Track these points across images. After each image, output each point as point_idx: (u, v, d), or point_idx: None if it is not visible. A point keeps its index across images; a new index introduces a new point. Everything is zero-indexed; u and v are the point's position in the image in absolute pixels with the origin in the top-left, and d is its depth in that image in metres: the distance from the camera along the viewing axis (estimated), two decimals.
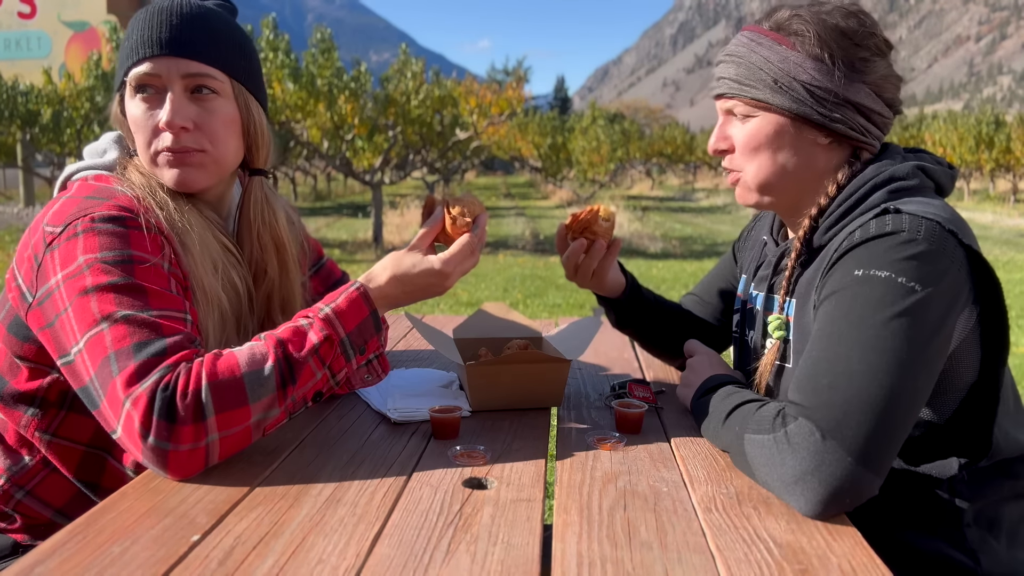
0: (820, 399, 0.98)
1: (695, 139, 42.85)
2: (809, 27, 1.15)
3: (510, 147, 27.63)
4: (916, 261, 1.02)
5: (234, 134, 1.27)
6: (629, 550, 0.86)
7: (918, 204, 1.09)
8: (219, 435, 1.02)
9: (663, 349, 1.64)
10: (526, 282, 8.75)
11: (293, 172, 28.97)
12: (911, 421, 1.01)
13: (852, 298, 1.04)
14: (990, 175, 27.50)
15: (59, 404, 1.23)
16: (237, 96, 1.27)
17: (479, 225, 1.24)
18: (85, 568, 0.80)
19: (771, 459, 0.99)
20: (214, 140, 1.23)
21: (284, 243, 1.39)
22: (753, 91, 1.17)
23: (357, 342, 1.15)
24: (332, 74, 11.78)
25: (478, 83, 13.92)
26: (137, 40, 1.21)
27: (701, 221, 18.79)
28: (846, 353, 1.00)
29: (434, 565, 0.82)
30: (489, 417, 1.32)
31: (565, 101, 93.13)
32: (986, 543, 1.13)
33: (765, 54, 1.17)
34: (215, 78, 1.22)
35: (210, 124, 1.23)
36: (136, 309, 1.07)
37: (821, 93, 1.14)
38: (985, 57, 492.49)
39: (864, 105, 1.16)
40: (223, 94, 1.24)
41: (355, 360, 1.16)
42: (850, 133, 1.17)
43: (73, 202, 1.16)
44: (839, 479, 0.94)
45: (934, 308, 1.02)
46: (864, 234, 1.08)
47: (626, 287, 1.52)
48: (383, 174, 13.76)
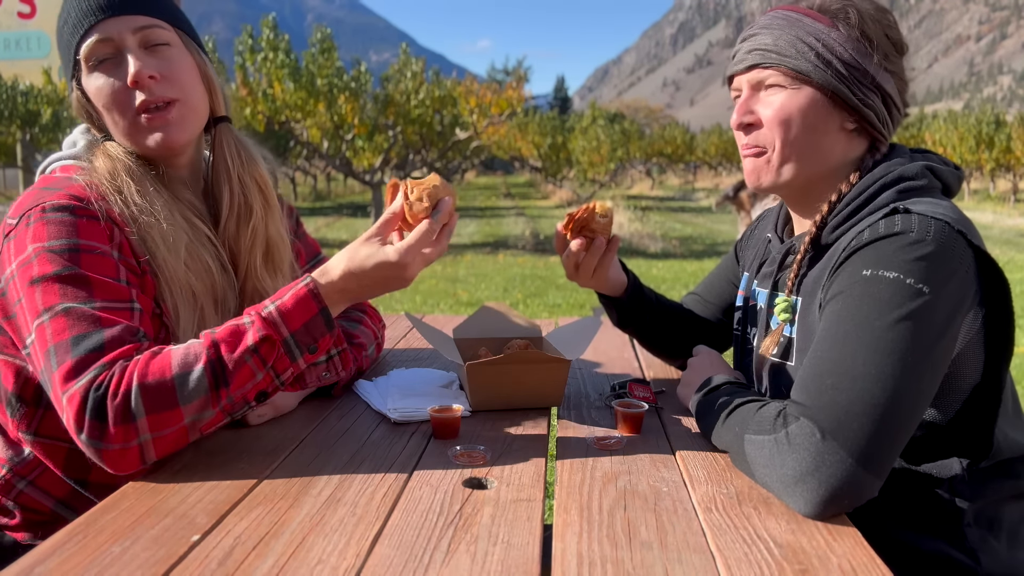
0: (823, 400, 0.98)
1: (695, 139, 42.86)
2: (851, 9, 1.15)
3: (510, 147, 27.64)
4: (925, 262, 1.01)
5: (197, 80, 1.28)
6: (629, 550, 0.86)
7: (927, 204, 1.08)
8: (151, 435, 1.03)
9: (664, 349, 1.64)
10: (526, 282, 8.75)
11: (293, 172, 28.97)
12: (914, 423, 1.00)
13: (859, 298, 1.03)
14: (990, 175, 27.51)
15: (35, 403, 1.23)
16: (186, 45, 1.28)
17: (440, 210, 1.15)
18: (85, 568, 0.80)
19: (771, 459, 0.99)
20: (183, 88, 1.24)
21: (266, 180, 1.39)
22: (794, 62, 1.15)
23: (305, 341, 1.10)
24: (332, 74, 11.79)
25: (478, 83, 13.92)
26: (77, 14, 1.21)
27: (701, 221, 18.78)
28: (851, 354, 0.99)
29: (434, 565, 0.82)
30: (489, 417, 1.32)
31: (565, 101, 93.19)
32: (986, 543, 1.13)
33: (808, 28, 1.16)
34: (164, 28, 1.24)
35: (174, 73, 1.23)
36: (78, 300, 1.08)
37: (859, 75, 1.14)
38: (985, 57, 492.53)
39: (891, 96, 1.16)
40: (174, 44, 1.25)
41: (303, 360, 1.11)
42: (875, 122, 1.17)
43: (31, 194, 1.18)
44: (839, 480, 0.93)
45: (941, 310, 1.01)
46: (873, 234, 1.07)
47: (628, 286, 1.52)
48: (383, 174, 13.76)
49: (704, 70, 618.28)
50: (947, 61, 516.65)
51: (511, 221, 18.50)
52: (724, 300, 1.59)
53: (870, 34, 1.14)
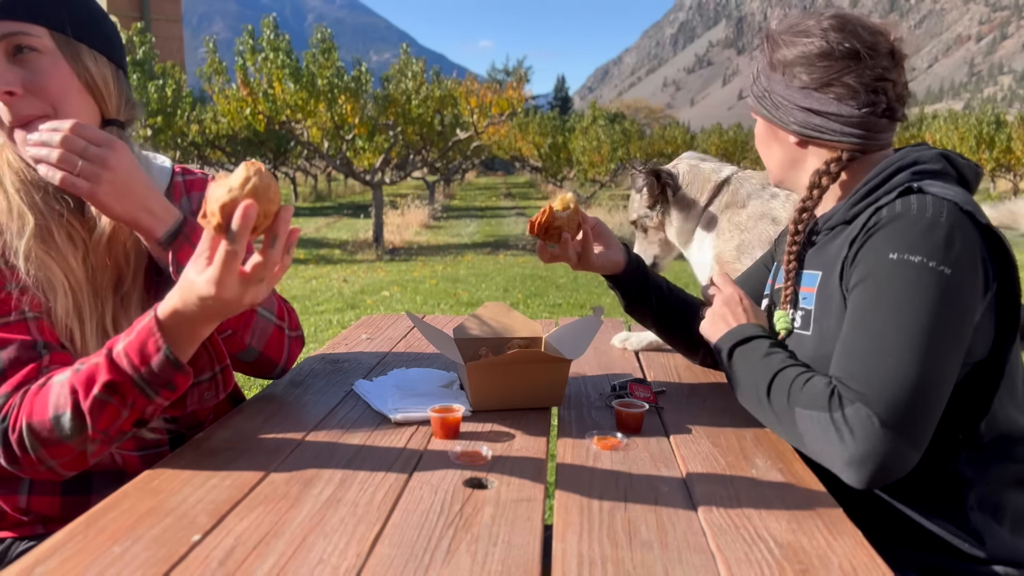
0: (873, 384, 1.06)
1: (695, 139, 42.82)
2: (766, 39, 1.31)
3: (510, 147, 27.64)
4: (944, 243, 1.09)
5: (74, 90, 1.17)
6: (629, 550, 0.86)
7: (939, 187, 1.16)
8: (55, 462, 1.08)
9: (681, 338, 1.60)
10: (526, 282, 8.74)
11: (294, 172, 28.97)
12: (947, 396, 1.09)
13: (890, 284, 1.10)
14: (991, 175, 27.49)
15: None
16: (63, 49, 1.15)
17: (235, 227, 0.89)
18: (85, 568, 0.80)
19: (828, 437, 1.07)
20: (53, 101, 1.14)
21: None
22: (750, 97, 1.35)
23: (155, 382, 1.03)
24: (332, 74, 11.78)
25: (479, 83, 13.92)
26: None
27: None
28: (892, 339, 1.08)
29: (435, 565, 0.82)
30: (489, 417, 1.32)
31: (565, 101, 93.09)
32: (990, 528, 1.15)
33: (755, 67, 1.34)
34: (31, 34, 1.13)
35: (40, 84, 1.13)
36: None
37: (776, 99, 1.28)
38: (986, 57, 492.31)
39: (825, 112, 1.24)
40: (45, 51, 1.14)
41: (160, 398, 1.05)
42: (815, 136, 1.26)
43: None
44: (895, 463, 1.04)
45: (965, 289, 1.09)
46: (891, 212, 1.15)
47: (626, 264, 1.51)
48: (383, 174, 13.77)
49: (704, 70, 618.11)
50: (947, 61, 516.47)
51: (511, 221, 18.50)
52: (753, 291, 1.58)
53: (782, 61, 1.27)
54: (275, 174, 2.16)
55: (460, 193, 34.26)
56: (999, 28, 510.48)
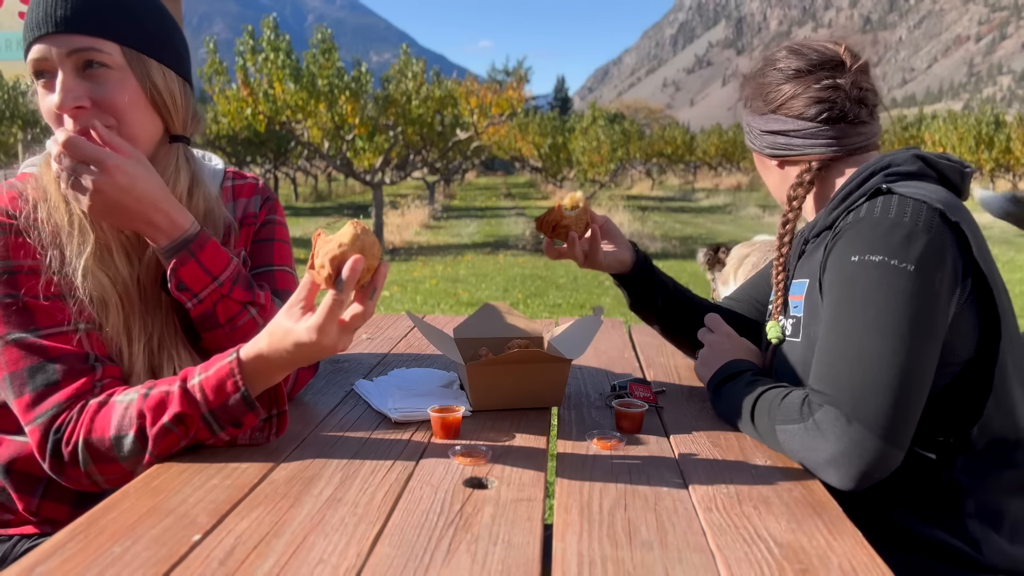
0: (840, 385, 1.08)
1: (695, 139, 42.83)
2: (743, 77, 1.42)
3: (510, 147, 27.65)
4: (906, 241, 1.11)
5: (140, 106, 1.18)
6: (629, 550, 0.86)
7: (913, 188, 1.17)
8: (102, 477, 1.11)
9: (682, 335, 1.62)
10: (526, 282, 8.74)
11: (294, 172, 28.99)
12: (925, 391, 1.10)
13: (852, 285, 1.12)
14: (990, 175, 27.49)
15: None
16: (133, 65, 1.17)
17: (344, 278, 0.96)
18: (86, 568, 0.80)
19: (805, 445, 1.10)
20: (119, 115, 1.16)
21: (208, 201, 1.29)
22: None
23: (224, 419, 1.08)
24: (333, 74, 11.79)
25: (479, 83, 13.93)
26: (27, 24, 1.15)
27: (701, 221, 18.79)
28: (857, 340, 1.09)
29: (435, 565, 0.82)
30: (489, 417, 1.32)
31: (565, 101, 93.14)
32: (988, 536, 1.14)
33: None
34: (101, 50, 1.13)
35: (108, 99, 1.15)
36: (24, 329, 1.11)
37: (752, 127, 1.39)
38: (985, 57, 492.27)
39: (780, 130, 1.33)
40: (115, 66, 1.15)
41: (224, 434, 1.10)
42: (778, 153, 1.35)
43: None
44: (868, 457, 1.05)
45: (928, 284, 1.09)
46: (855, 216, 1.18)
47: (634, 263, 1.55)
48: (384, 174, 13.77)
49: (704, 71, 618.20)
50: (947, 61, 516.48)
51: (511, 221, 18.51)
52: (753, 306, 1.60)
53: (748, 95, 1.39)
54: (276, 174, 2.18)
55: (460, 193, 34.26)
56: (998, 28, 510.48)
